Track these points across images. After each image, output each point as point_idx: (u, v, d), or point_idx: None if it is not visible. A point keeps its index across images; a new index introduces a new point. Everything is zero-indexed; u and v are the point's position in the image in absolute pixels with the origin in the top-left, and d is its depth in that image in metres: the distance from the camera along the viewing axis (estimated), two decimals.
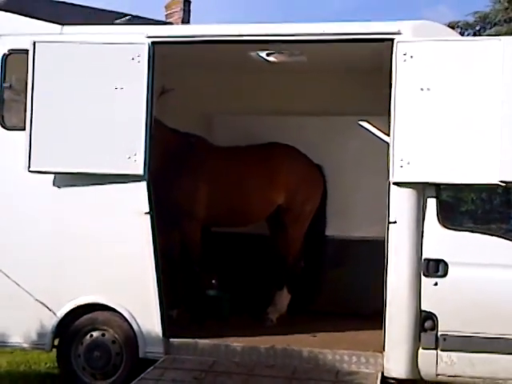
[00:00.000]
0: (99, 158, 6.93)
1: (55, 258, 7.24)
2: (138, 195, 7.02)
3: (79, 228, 7.19)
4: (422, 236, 6.68)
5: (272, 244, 8.88)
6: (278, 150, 8.60)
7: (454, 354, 6.53)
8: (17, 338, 7.35)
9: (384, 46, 6.79)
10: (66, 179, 7.15)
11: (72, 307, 7.23)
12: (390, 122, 6.66)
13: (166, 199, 7.69)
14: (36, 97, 7.00)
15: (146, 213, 7.02)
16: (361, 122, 9.18)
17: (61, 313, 7.24)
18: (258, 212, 8.54)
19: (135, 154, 6.83)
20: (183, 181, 8.12)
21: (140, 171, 6.88)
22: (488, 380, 6.54)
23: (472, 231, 6.79)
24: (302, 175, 8.56)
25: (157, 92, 7.19)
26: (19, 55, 7.24)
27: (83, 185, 7.12)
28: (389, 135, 6.73)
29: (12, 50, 7.36)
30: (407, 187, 6.65)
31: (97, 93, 6.96)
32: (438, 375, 6.60)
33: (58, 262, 7.22)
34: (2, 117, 7.39)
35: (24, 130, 7.05)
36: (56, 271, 7.21)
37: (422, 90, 6.54)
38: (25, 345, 7.41)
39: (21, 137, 7.07)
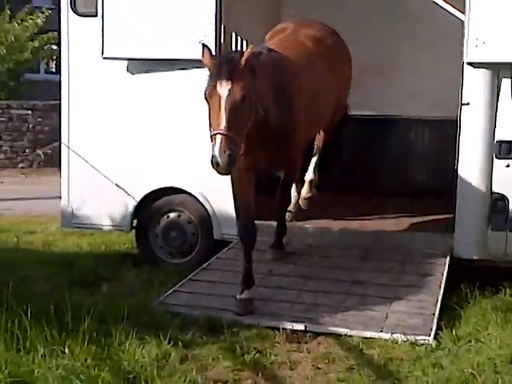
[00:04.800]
0: (171, 42, 6.98)
1: (133, 143, 7.47)
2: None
3: (154, 114, 7.36)
4: (496, 118, 6.60)
5: None
6: (334, 36, 7.63)
7: None
8: (98, 220, 7.72)
9: None
10: (140, 65, 7.26)
11: (149, 191, 7.52)
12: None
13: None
14: None
15: None
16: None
17: (139, 195, 7.55)
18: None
19: (207, 39, 6.82)
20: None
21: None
22: None
23: None
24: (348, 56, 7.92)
25: None
26: None
27: (156, 71, 7.23)
28: (464, 13, 6.56)
29: None
30: (482, 67, 6.53)
31: None
32: (507, 255, 6.67)
33: (136, 147, 7.45)
34: (75, 3, 7.43)
35: (96, 16, 7.14)
36: (134, 156, 7.47)
37: None
38: (105, 226, 7.79)
39: (94, 23, 7.16)
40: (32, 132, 17.73)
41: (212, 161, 5.05)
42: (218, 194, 7.22)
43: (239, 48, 8.87)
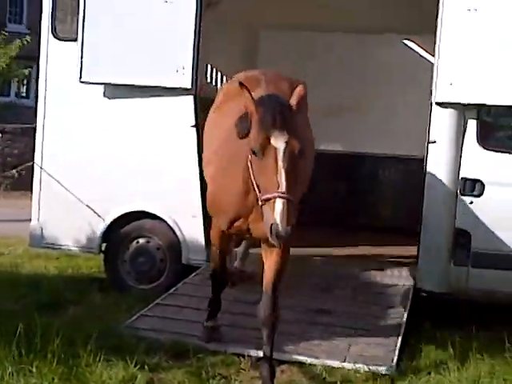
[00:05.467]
0: (148, 70, 7.10)
1: (105, 166, 7.53)
2: (185, 108, 7.21)
3: (128, 138, 7.45)
4: (461, 156, 6.83)
5: None
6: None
7: (485, 271, 6.76)
8: (67, 241, 7.75)
9: None
10: (116, 90, 7.36)
11: (120, 214, 7.58)
12: (435, 42, 6.72)
13: None
14: (88, 8, 7.15)
15: (192, 126, 7.23)
16: (405, 41, 9.24)
17: (109, 218, 7.61)
18: None
19: (183, 68, 6.99)
20: None
21: (188, 85, 7.05)
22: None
23: (510, 153, 6.86)
24: None
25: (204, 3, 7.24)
26: None
27: (132, 97, 7.34)
28: (433, 55, 6.80)
29: None
30: (449, 107, 6.75)
31: (147, 6, 7.09)
32: (468, 290, 6.86)
33: (108, 170, 7.53)
34: (55, 28, 7.55)
35: (76, 40, 7.25)
36: (106, 179, 7.53)
37: (468, 10, 6.56)
38: (74, 248, 7.82)
39: (73, 48, 7.27)
40: (0, 155, 17.67)
41: (271, 229, 4.22)
42: (188, 220, 7.32)
43: (214, 81, 9.06)
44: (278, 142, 4.27)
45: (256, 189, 4.44)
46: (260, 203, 4.37)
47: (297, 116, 4.47)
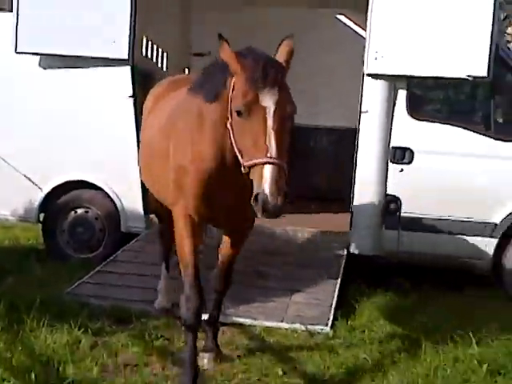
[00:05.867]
0: (86, 41, 7.12)
1: (43, 135, 7.52)
2: (122, 79, 7.27)
3: (66, 108, 7.45)
4: (392, 125, 7.10)
5: None
6: None
7: (414, 234, 7.09)
8: (4, 211, 7.76)
9: None
10: (53, 61, 7.35)
11: (58, 183, 7.61)
12: (366, 17, 6.94)
13: None
14: None
15: (129, 96, 7.30)
16: (338, 16, 9.47)
17: (47, 188, 7.63)
18: None
19: (120, 39, 7.02)
20: None
21: (124, 55, 7.11)
22: (441, 257, 7.15)
23: (437, 122, 7.16)
24: None
25: None
26: None
27: (70, 67, 7.34)
28: (365, 29, 7.03)
29: None
30: (380, 79, 6.99)
31: None
32: (398, 252, 7.20)
33: (46, 140, 7.52)
34: None
35: (11, 11, 7.19)
36: (44, 148, 7.53)
37: None
38: (11, 217, 7.82)
39: (8, 18, 7.22)
40: None
41: (258, 199, 3.64)
42: (127, 188, 7.42)
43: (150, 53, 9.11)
44: (268, 101, 3.73)
45: (238, 154, 3.87)
46: (243, 170, 3.80)
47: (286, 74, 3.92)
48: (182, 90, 4.97)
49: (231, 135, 3.93)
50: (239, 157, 3.86)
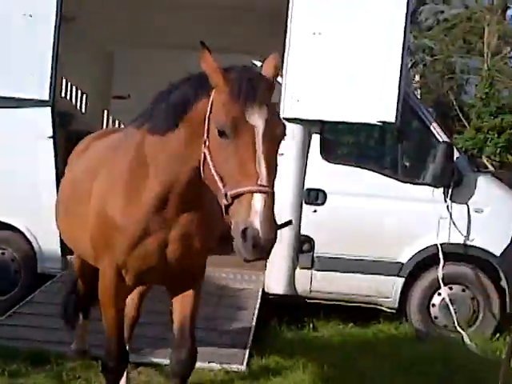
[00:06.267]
0: (7, 81, 7.11)
1: None
2: (42, 120, 7.30)
3: None
4: (306, 168, 7.35)
5: None
6: None
7: (326, 274, 7.32)
8: None
9: None
10: None
11: None
12: (282, 62, 7.20)
13: None
14: None
15: (49, 137, 7.33)
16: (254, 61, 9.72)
17: None
18: None
19: (42, 80, 7.06)
20: None
21: (46, 96, 7.16)
22: (349, 296, 7.38)
23: (349, 165, 7.45)
24: None
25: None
26: None
27: None
28: (281, 75, 7.29)
29: None
30: (295, 123, 7.22)
31: (6, 19, 7.12)
32: (311, 292, 7.41)
33: None
34: None
35: None
36: None
37: (314, 34, 7.11)
38: None
39: None
40: None
41: (246, 235, 3.10)
42: (44, 228, 7.32)
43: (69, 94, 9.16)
44: (258, 119, 3.21)
45: (218, 181, 3.25)
46: (225, 202, 3.20)
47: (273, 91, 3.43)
48: (114, 134, 4.60)
49: (209, 161, 3.33)
50: (219, 186, 3.25)
